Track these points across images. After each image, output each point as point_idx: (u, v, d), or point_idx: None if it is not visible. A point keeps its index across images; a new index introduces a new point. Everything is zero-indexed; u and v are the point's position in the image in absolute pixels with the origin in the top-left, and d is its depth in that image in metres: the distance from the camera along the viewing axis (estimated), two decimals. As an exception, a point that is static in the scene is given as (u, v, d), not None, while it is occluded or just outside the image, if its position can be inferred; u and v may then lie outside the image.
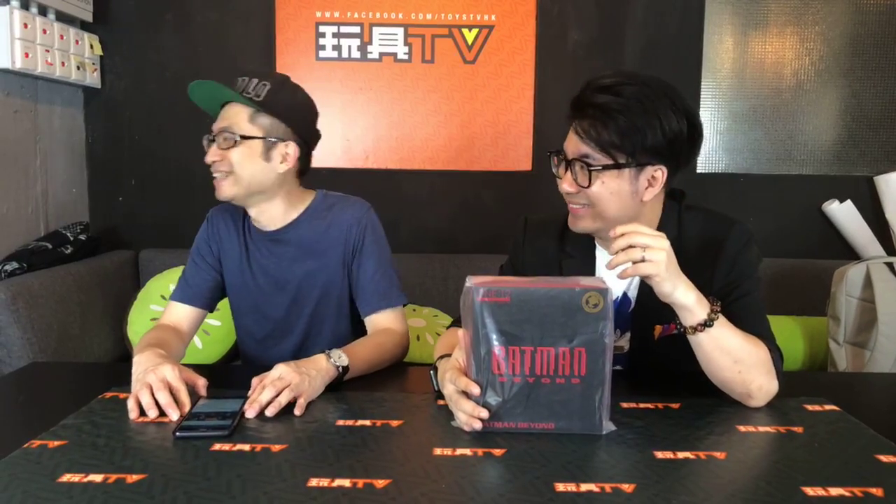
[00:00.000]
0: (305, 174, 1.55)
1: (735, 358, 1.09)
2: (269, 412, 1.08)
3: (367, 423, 1.05)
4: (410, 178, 2.81)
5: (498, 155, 2.78)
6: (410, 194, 2.83)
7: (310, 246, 1.53)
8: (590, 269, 1.34)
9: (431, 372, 1.20)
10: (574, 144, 1.20)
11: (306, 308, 1.55)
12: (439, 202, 2.83)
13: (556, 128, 2.83)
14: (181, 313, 1.52)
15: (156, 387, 1.10)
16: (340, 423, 1.05)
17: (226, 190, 1.44)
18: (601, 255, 1.33)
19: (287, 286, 1.54)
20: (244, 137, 1.42)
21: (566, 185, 1.22)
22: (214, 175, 1.45)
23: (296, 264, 1.53)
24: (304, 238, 1.53)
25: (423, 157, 2.79)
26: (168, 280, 2.50)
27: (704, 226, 1.28)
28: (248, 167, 1.43)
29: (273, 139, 1.45)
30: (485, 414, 1.01)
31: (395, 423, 1.06)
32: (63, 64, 2.44)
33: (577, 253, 1.35)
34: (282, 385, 1.11)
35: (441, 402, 1.13)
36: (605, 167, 1.17)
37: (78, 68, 2.54)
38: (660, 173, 1.20)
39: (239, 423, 1.04)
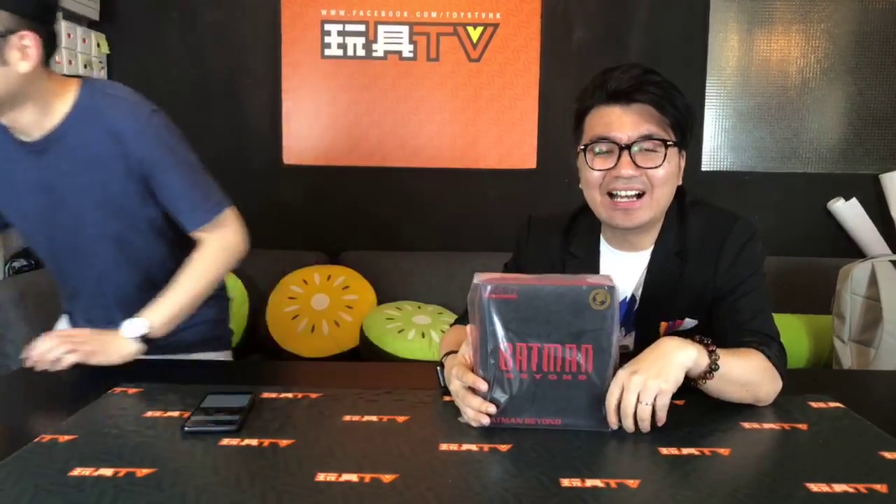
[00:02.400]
0: (52, 58, 1.26)
1: (742, 382, 1.09)
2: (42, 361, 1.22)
3: (374, 418, 1.06)
4: (415, 176, 2.82)
5: (503, 153, 2.79)
6: (415, 192, 2.84)
7: (82, 157, 1.28)
8: (594, 270, 1.33)
9: (438, 368, 1.20)
10: (632, 126, 1.17)
11: (93, 229, 1.35)
12: (444, 200, 2.84)
13: (560, 126, 2.85)
14: None
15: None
16: (347, 418, 1.06)
17: None
18: (605, 256, 1.33)
19: (64, 204, 1.32)
20: None
21: (627, 168, 1.17)
22: None
23: (68, 178, 1.30)
24: (74, 147, 1.28)
25: (427, 155, 2.80)
26: (174, 277, 2.52)
27: (707, 222, 1.27)
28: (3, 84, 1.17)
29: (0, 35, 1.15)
30: (492, 409, 1.01)
31: (401, 418, 1.06)
32: (70, 62, 2.46)
33: (581, 253, 1.34)
34: (66, 340, 1.21)
35: (447, 398, 1.14)
36: (675, 143, 1.18)
37: (85, 67, 2.55)
38: (684, 158, 1.23)
39: (247, 418, 1.05)
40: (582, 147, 1.23)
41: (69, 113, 1.26)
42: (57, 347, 1.24)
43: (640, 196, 1.19)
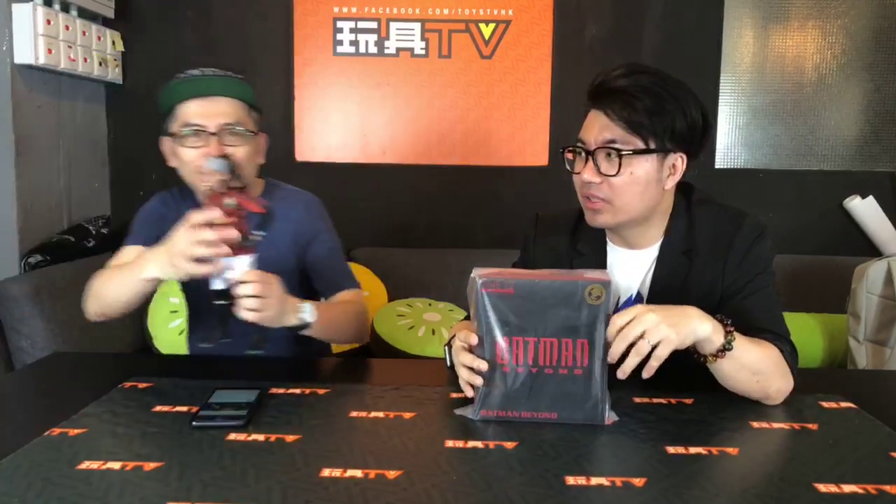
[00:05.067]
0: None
1: (754, 370, 1.08)
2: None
3: (380, 414, 1.06)
4: (427, 173, 2.82)
5: (514, 150, 2.78)
6: (427, 189, 2.84)
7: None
8: (601, 268, 1.33)
9: (446, 347, 1.20)
10: (597, 131, 1.17)
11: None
12: (455, 197, 2.84)
13: (572, 122, 2.80)
14: (132, 253, 1.41)
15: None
16: (353, 414, 1.06)
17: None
18: (613, 254, 1.32)
19: None
20: (251, 133, 1.41)
21: (588, 174, 1.17)
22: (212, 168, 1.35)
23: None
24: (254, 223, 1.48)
25: (439, 152, 2.80)
26: (187, 273, 2.54)
27: (716, 220, 1.26)
28: (251, 163, 1.43)
29: (258, 132, 1.46)
30: (484, 366, 1.03)
31: (407, 415, 1.07)
32: (85, 60, 2.48)
33: (588, 251, 1.34)
34: (260, 293, 1.17)
35: (454, 394, 1.14)
36: (636, 152, 1.15)
37: (100, 64, 2.58)
38: (680, 161, 1.20)
39: (254, 413, 1.05)
40: (566, 148, 1.24)
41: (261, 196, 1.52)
42: (249, 292, 1.17)
43: (604, 201, 1.20)
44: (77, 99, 2.60)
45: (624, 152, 1.15)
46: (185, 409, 1.07)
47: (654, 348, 0.99)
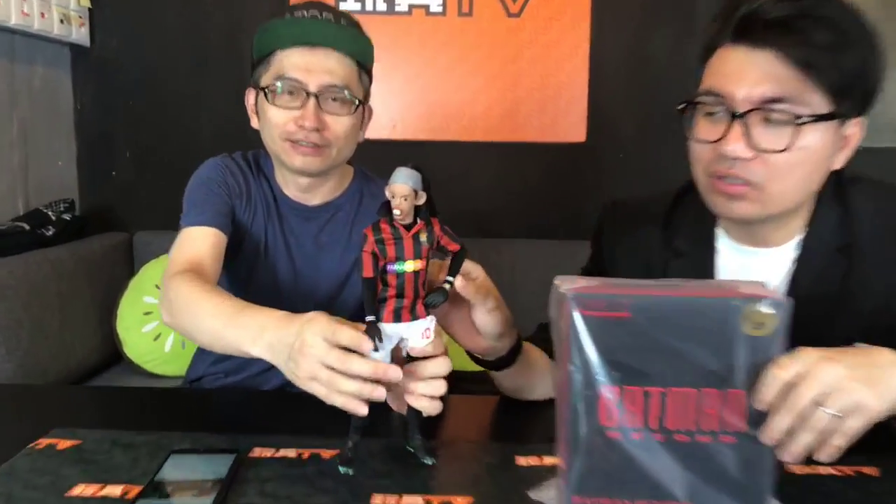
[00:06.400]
0: None
1: None
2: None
3: (419, 500, 0.70)
4: (444, 151, 2.50)
5: (546, 124, 2.44)
6: (443, 169, 2.48)
7: (344, 232, 1.26)
8: (706, 273, 0.98)
9: None
10: (754, 81, 0.82)
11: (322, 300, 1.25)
12: (477, 178, 2.52)
13: (615, 92, 2.47)
14: (201, 238, 1.11)
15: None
16: (377, 500, 0.70)
17: (317, 164, 1.14)
18: (725, 253, 0.98)
19: (320, 278, 1.26)
20: (361, 103, 1.15)
21: (736, 145, 0.83)
22: (300, 141, 1.11)
23: (341, 253, 1.26)
24: (341, 221, 1.27)
25: (458, 127, 2.47)
26: (165, 267, 2.18)
27: (884, 205, 0.94)
28: (351, 139, 1.18)
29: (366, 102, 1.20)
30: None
31: (459, 500, 0.70)
32: (43, 15, 2.13)
33: (689, 249, 1.00)
34: None
35: (521, 458, 0.78)
36: (818, 118, 0.81)
37: (61, 21, 2.22)
38: (857, 129, 0.85)
39: (224, 498, 0.69)
40: (687, 103, 0.89)
41: (348, 187, 1.31)
42: (435, 373, 0.78)
43: (748, 184, 0.85)
44: (35, 62, 2.24)
45: (804, 119, 0.80)
46: (118, 490, 0.71)
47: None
